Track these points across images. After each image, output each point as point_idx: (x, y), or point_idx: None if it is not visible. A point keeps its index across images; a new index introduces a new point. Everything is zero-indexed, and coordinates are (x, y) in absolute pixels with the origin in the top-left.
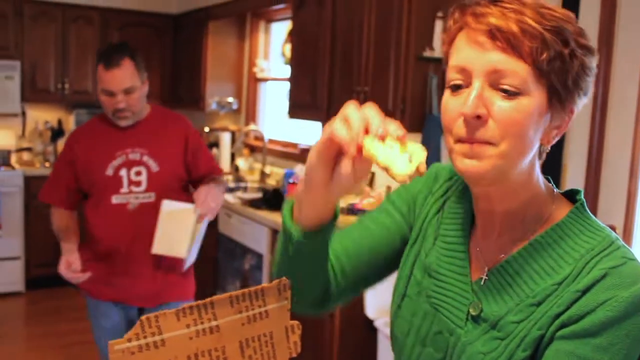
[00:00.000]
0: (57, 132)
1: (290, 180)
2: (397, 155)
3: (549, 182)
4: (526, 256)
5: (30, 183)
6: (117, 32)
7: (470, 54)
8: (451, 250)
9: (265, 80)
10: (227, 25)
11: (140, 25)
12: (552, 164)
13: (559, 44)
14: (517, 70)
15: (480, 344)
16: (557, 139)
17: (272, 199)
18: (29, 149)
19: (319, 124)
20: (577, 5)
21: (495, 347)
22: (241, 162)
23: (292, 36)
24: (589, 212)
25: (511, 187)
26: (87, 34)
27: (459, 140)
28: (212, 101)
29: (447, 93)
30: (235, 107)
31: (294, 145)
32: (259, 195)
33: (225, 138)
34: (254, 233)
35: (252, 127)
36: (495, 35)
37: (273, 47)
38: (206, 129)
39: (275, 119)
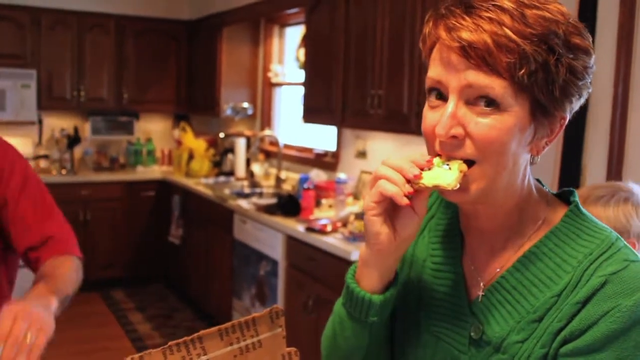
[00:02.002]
0: (73, 140)
1: (305, 186)
2: (438, 171)
3: (541, 184)
4: (522, 269)
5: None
6: (132, 39)
7: (444, 71)
8: (443, 272)
9: (279, 85)
10: (241, 31)
11: (155, 32)
12: (571, 165)
13: (542, 54)
14: (493, 86)
15: None
16: (548, 147)
17: (287, 204)
18: (45, 157)
19: (333, 128)
20: (595, 1)
21: None
22: (256, 168)
23: (306, 40)
24: (586, 213)
25: (499, 201)
26: (102, 42)
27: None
28: (227, 107)
29: (426, 104)
30: (250, 112)
31: (310, 150)
32: (273, 200)
33: (240, 143)
34: (269, 239)
35: (267, 132)
36: (468, 52)
37: (287, 52)
38: (221, 135)
39: (291, 123)
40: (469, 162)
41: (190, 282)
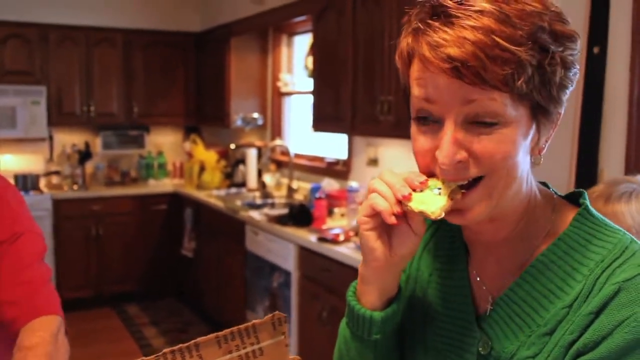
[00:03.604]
0: (84, 155)
1: (317, 195)
2: (428, 195)
3: (547, 187)
4: (531, 280)
5: (60, 206)
6: (140, 52)
7: (434, 93)
8: (448, 286)
9: (289, 94)
10: (250, 41)
11: (163, 44)
12: (588, 169)
13: (536, 56)
14: (492, 103)
15: None
16: (548, 142)
17: (299, 214)
18: (57, 173)
19: (344, 136)
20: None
21: None
22: (268, 178)
23: (314, 48)
24: (597, 215)
25: (504, 214)
26: (110, 56)
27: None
28: (237, 117)
29: (414, 125)
30: (260, 122)
31: (321, 159)
32: (285, 211)
33: (251, 154)
34: (282, 250)
35: (277, 142)
36: (461, 71)
37: (296, 61)
38: (232, 146)
39: (301, 133)
40: (472, 182)
41: (204, 295)
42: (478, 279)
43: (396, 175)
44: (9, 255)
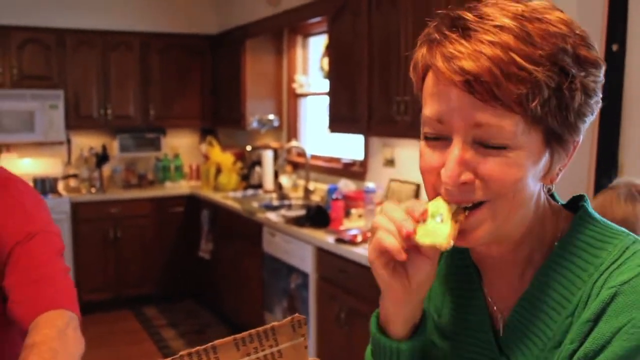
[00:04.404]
0: (102, 158)
1: (334, 196)
2: (432, 226)
3: (554, 198)
4: (537, 293)
5: (78, 209)
6: (156, 55)
7: (446, 108)
8: (465, 306)
9: (305, 95)
10: (265, 42)
11: (179, 47)
12: (607, 165)
13: (555, 78)
14: (503, 125)
15: None
16: (562, 171)
17: (316, 216)
18: (75, 176)
19: (360, 137)
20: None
21: None
22: (284, 180)
23: (329, 49)
24: (597, 218)
25: (511, 237)
26: (127, 59)
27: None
28: (253, 119)
29: (423, 141)
30: (276, 124)
31: (337, 160)
32: (302, 212)
33: (267, 156)
34: (299, 252)
35: (294, 143)
36: (473, 86)
37: (311, 62)
38: (248, 148)
39: (317, 134)
40: (476, 203)
41: (222, 297)
42: (490, 298)
43: (398, 209)
44: (23, 256)
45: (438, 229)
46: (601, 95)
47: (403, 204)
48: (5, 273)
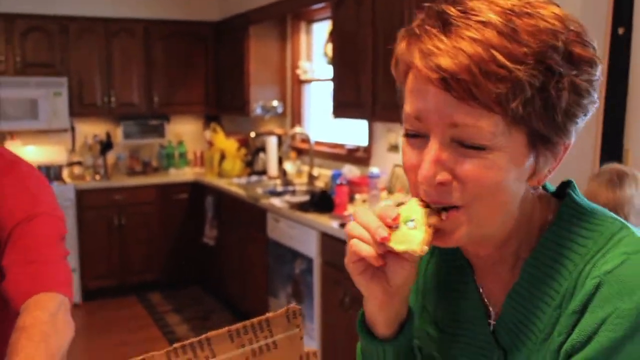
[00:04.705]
0: (106, 145)
1: (338, 181)
2: (405, 232)
3: (544, 189)
4: (526, 285)
5: (82, 196)
6: (159, 42)
7: (423, 105)
8: (459, 299)
9: (308, 81)
10: (268, 29)
11: (182, 34)
12: (613, 150)
13: (539, 77)
14: (481, 125)
15: None
16: (552, 173)
17: (320, 201)
18: (79, 163)
19: (364, 122)
20: None
21: None
22: (288, 166)
23: (333, 35)
24: (584, 204)
25: (493, 236)
26: (130, 47)
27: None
28: (257, 106)
29: (403, 138)
30: (280, 110)
31: (341, 146)
32: (307, 198)
33: (271, 142)
34: (303, 237)
35: (298, 129)
36: (450, 84)
37: (315, 48)
38: (252, 134)
39: (321, 120)
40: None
41: (226, 283)
42: (481, 290)
43: (371, 215)
44: (23, 236)
45: (411, 235)
46: (596, 96)
47: (376, 208)
48: (5, 252)
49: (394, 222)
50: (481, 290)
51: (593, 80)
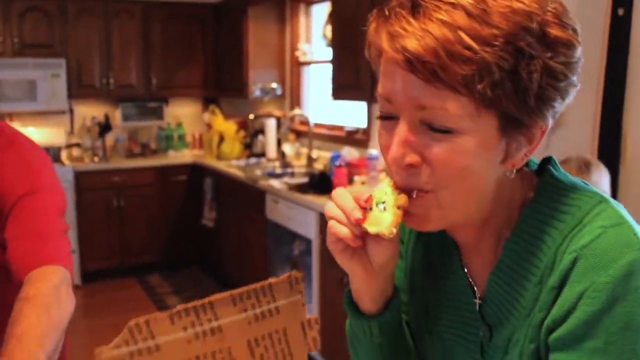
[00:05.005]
0: (104, 127)
1: (337, 163)
2: (376, 212)
3: (527, 166)
4: (508, 262)
5: (81, 178)
6: (158, 24)
7: (392, 87)
8: (446, 278)
9: (308, 63)
10: (267, 10)
11: (181, 16)
12: (611, 133)
13: (509, 59)
14: (447, 107)
15: None
16: (529, 157)
17: (319, 182)
18: (78, 145)
19: (363, 104)
20: None
21: None
22: (287, 148)
23: (333, 17)
24: (564, 180)
25: (470, 220)
26: (129, 28)
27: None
28: (256, 88)
29: (379, 120)
30: (279, 92)
31: (340, 128)
32: (305, 180)
33: (270, 124)
34: (302, 218)
35: (297, 111)
36: (416, 66)
37: (314, 30)
38: (251, 116)
39: (320, 102)
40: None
41: (225, 264)
42: (471, 271)
43: (347, 196)
44: (25, 209)
45: (382, 217)
46: (574, 78)
47: (353, 189)
48: (7, 225)
49: (366, 203)
50: (467, 269)
51: (571, 63)
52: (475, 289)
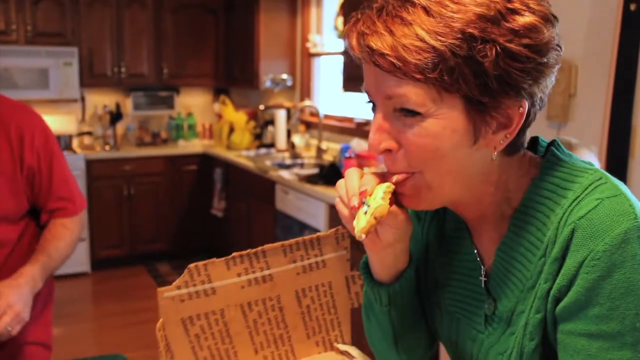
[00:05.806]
0: (115, 116)
1: (347, 155)
2: (361, 211)
3: (536, 146)
4: (514, 238)
5: (92, 166)
6: (170, 14)
7: (367, 81)
8: (457, 253)
9: (318, 55)
10: (279, 1)
11: (193, 6)
12: (621, 126)
13: (462, 46)
14: (407, 94)
15: (500, 345)
16: (510, 138)
17: (329, 174)
18: (89, 133)
19: None
20: None
21: (510, 344)
22: (297, 139)
23: (344, 8)
24: (566, 159)
25: (464, 201)
26: (140, 17)
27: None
28: (266, 79)
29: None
30: (289, 83)
31: (350, 120)
32: (315, 171)
33: (280, 115)
34: (311, 209)
35: (307, 103)
36: (378, 61)
37: (326, 21)
38: (261, 107)
39: (330, 94)
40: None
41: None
42: (480, 246)
43: (354, 180)
44: (55, 158)
45: (360, 217)
46: (540, 59)
47: (366, 172)
48: (39, 166)
49: (361, 195)
50: (476, 247)
51: (536, 45)
52: (483, 266)
